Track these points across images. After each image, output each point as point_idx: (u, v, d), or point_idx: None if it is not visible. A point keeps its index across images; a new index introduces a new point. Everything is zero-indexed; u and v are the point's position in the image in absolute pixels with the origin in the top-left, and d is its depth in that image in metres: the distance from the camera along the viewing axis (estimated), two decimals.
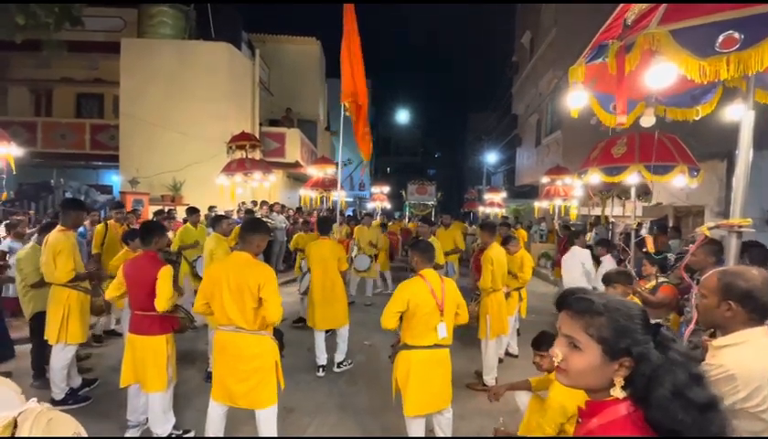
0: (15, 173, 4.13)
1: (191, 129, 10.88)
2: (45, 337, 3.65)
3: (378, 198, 15.93)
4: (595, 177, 3.85)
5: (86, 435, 0.92)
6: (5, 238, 5.50)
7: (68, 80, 12.56)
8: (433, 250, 2.99)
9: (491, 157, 23.63)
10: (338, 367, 4.43)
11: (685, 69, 1.68)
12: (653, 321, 1.01)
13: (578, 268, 5.18)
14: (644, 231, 7.46)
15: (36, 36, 7.43)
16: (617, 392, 0.94)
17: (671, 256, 4.81)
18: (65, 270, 3.47)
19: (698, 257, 2.89)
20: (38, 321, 3.79)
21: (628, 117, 2.31)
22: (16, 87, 12.70)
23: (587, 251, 5.43)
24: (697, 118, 2.57)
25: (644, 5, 1.85)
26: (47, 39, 7.61)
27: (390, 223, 13.18)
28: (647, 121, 2.38)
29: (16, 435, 0.82)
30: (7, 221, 5.72)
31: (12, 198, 7.32)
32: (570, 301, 1.02)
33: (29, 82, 12.66)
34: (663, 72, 1.79)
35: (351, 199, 25.44)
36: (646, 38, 1.72)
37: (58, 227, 3.63)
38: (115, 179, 12.17)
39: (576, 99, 2.30)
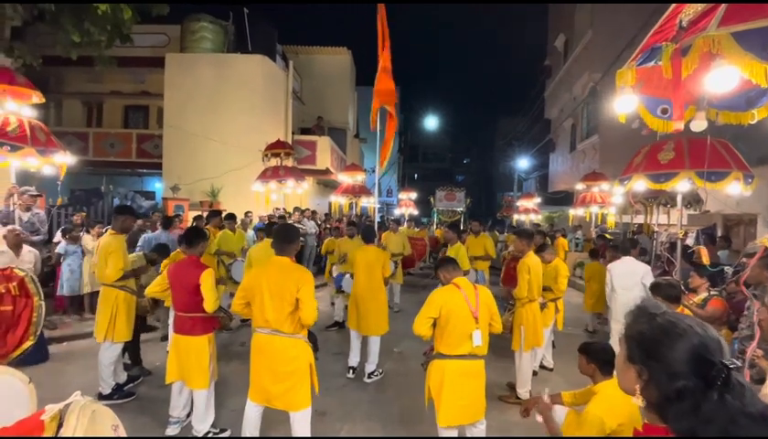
0: (64, 179, 4.54)
1: (229, 138, 11.36)
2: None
3: (406, 204, 15.88)
4: (640, 185, 3.61)
5: (123, 428, 1.04)
6: (60, 242, 5.95)
7: (116, 93, 13.46)
8: (455, 261, 3.01)
9: (522, 163, 22.98)
10: (369, 377, 4.44)
11: (749, 74, 1.58)
12: None
13: (638, 287, 4.29)
14: (689, 241, 7.02)
15: (89, 52, 7.99)
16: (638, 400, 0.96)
17: (728, 269, 4.42)
18: (115, 268, 3.72)
19: (753, 271, 2.71)
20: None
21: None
22: (70, 100, 13.68)
23: (647, 268, 4.55)
24: (753, 122, 2.42)
25: (699, 6, 1.76)
26: (99, 55, 8.16)
27: (417, 230, 12.89)
28: (699, 125, 2.25)
29: (63, 425, 0.94)
30: (63, 227, 6.19)
31: (66, 204, 7.88)
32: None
33: (82, 95, 13.62)
34: (724, 76, 1.68)
35: (378, 205, 25.52)
36: (706, 41, 1.63)
37: (110, 231, 3.89)
38: (158, 186, 12.83)
39: (625, 103, 2.21)
